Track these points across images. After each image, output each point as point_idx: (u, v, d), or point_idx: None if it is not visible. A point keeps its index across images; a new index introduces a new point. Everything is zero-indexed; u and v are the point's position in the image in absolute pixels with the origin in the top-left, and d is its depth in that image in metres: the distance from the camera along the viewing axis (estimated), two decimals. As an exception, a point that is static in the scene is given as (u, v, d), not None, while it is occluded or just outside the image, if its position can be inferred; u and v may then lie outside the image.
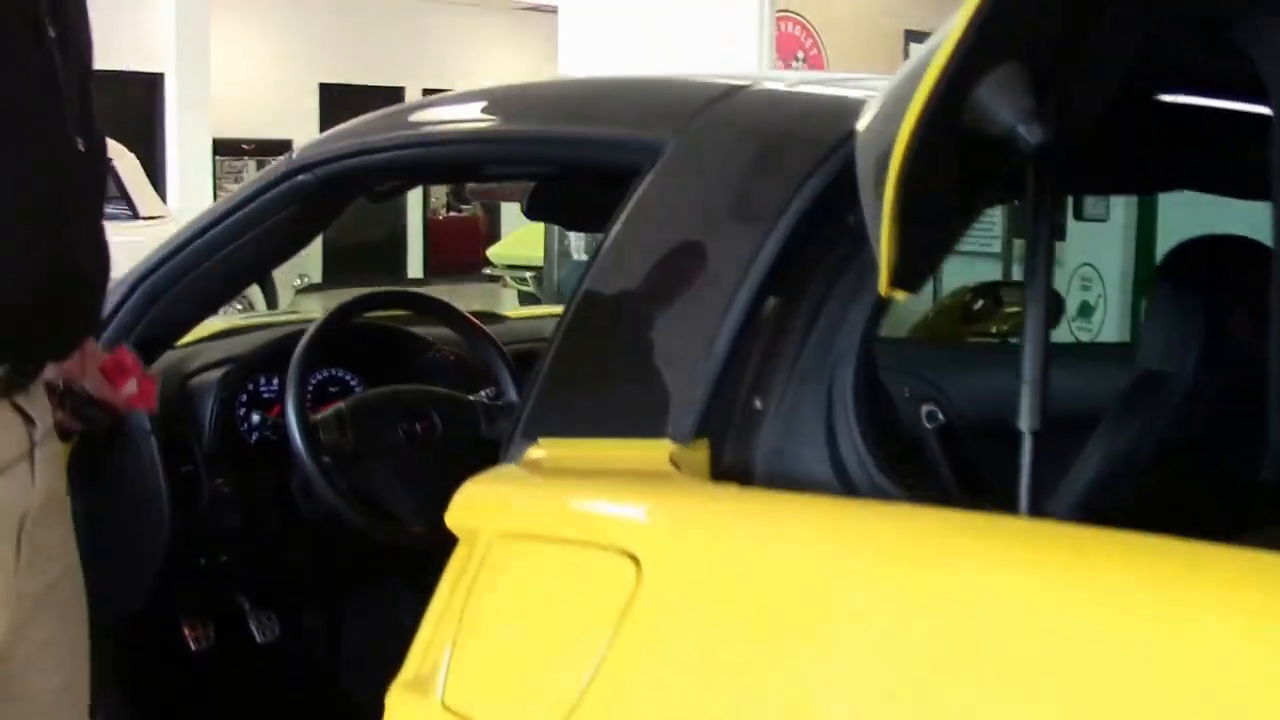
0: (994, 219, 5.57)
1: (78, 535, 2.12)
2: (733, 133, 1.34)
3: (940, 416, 2.16)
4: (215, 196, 11.74)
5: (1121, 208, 5.04)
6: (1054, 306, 2.89)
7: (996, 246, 5.53)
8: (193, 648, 2.38)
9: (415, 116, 1.77)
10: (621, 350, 1.29)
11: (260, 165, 11.65)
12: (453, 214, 16.22)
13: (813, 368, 1.18)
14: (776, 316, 1.21)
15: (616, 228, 1.33)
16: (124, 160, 8.61)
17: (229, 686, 2.41)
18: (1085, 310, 5.11)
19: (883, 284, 1.05)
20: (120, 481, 2.17)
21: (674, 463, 1.16)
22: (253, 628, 2.38)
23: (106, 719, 2.20)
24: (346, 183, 1.84)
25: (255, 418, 2.24)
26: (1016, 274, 4.97)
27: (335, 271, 13.40)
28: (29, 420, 1.49)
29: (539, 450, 1.26)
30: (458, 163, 1.85)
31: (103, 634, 2.19)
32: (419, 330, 2.45)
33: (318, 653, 2.56)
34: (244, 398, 2.28)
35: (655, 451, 1.17)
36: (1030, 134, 0.93)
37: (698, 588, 1.03)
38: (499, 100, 1.70)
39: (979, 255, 5.14)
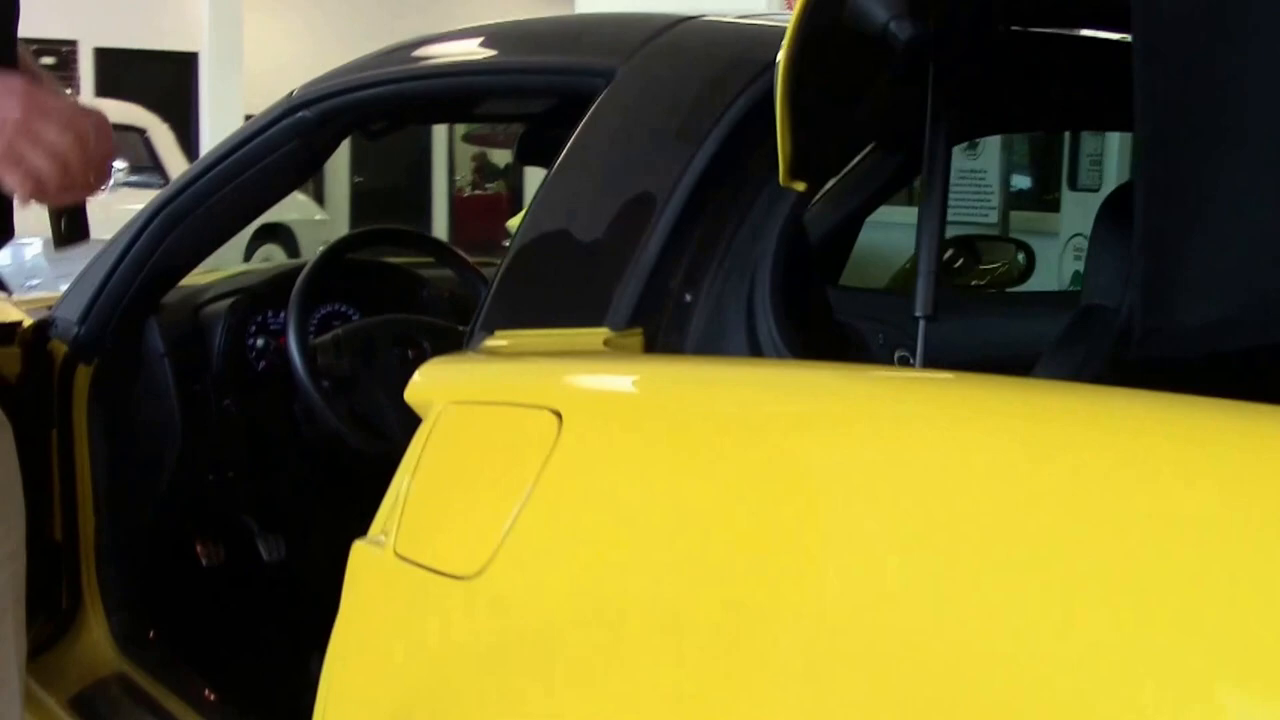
0: (992, 191, 5.69)
1: (100, 451, 2.29)
2: (675, 57, 1.47)
3: (911, 360, 2.28)
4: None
5: (1114, 179, 5.13)
6: (1026, 257, 3.01)
7: (994, 217, 5.64)
8: (204, 563, 2.54)
9: (409, 53, 1.87)
10: (568, 251, 1.42)
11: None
12: (477, 192, 16.36)
13: (737, 265, 1.30)
14: (707, 220, 1.33)
15: (570, 144, 1.47)
16: (158, 132, 8.82)
17: (236, 601, 2.57)
18: (1078, 278, 5.21)
19: (781, 174, 1.19)
20: (137, 400, 2.33)
21: (608, 346, 1.29)
22: (260, 548, 2.54)
23: (121, 625, 2.37)
24: (342, 118, 1.95)
25: (260, 343, 2.41)
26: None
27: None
28: None
29: (494, 340, 1.40)
30: (441, 96, 1.94)
31: (120, 546, 2.37)
32: (420, 271, 2.62)
33: (320, 572, 2.71)
34: (253, 328, 2.44)
35: (592, 337, 1.30)
36: (900, 30, 1.06)
37: (610, 434, 1.14)
38: (484, 36, 1.80)
39: (975, 226, 5.26)
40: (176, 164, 9.00)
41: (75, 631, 2.36)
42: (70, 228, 1.41)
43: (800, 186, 1.25)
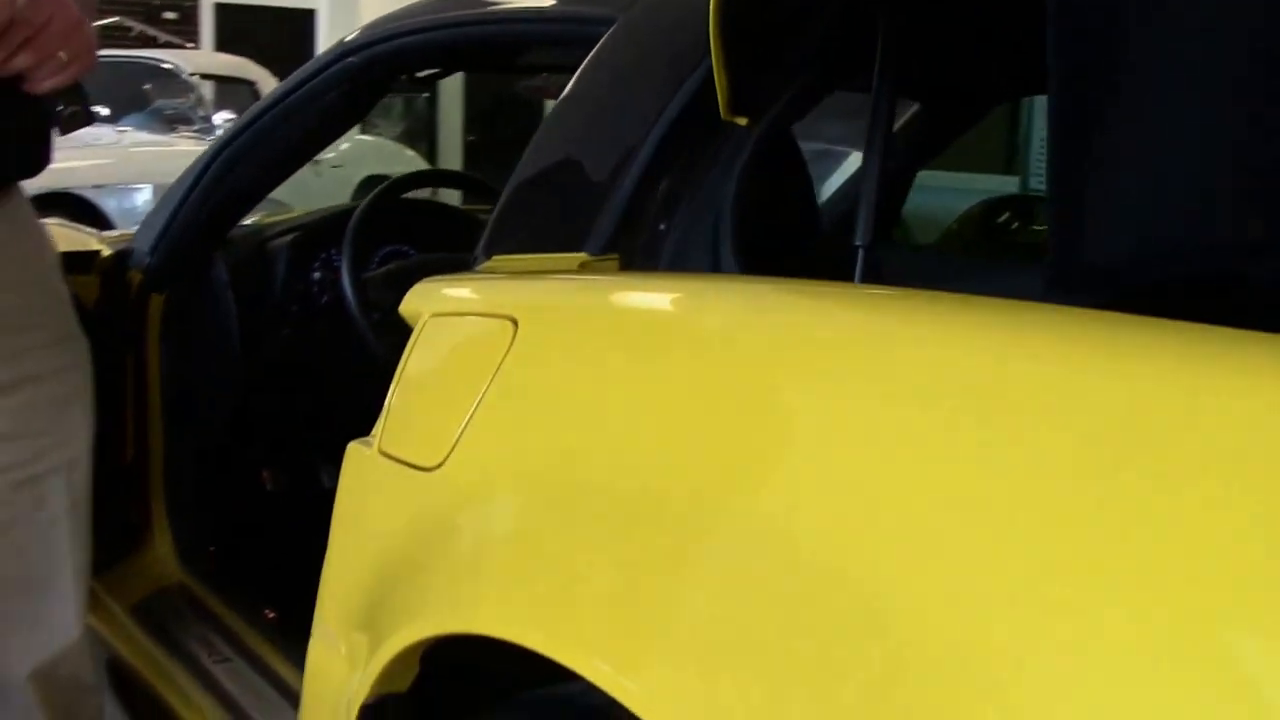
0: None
1: (169, 376, 2.44)
2: (663, 8, 1.57)
3: None
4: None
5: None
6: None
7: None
8: (268, 487, 2.69)
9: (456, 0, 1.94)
10: (559, 184, 1.52)
11: (405, 96, 12.00)
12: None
13: (708, 198, 1.40)
14: (683, 157, 1.43)
15: (567, 88, 1.57)
16: (267, 85, 9.14)
17: (295, 525, 2.71)
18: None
19: (721, 108, 1.27)
20: (204, 329, 2.48)
21: (584, 268, 1.39)
22: (323, 477, 2.68)
23: (188, 535, 2.52)
24: (386, 64, 2.04)
25: (319, 276, 2.54)
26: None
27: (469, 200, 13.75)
28: None
29: (489, 264, 1.51)
30: (479, 45, 2.01)
31: (185, 467, 2.51)
32: (480, 215, 2.73)
33: None
34: (315, 264, 2.57)
35: (571, 261, 1.40)
36: None
37: (556, 337, 1.24)
38: None
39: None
40: (286, 116, 9.29)
41: (143, 546, 2.51)
42: (71, 110, 1.51)
43: (742, 121, 1.32)
